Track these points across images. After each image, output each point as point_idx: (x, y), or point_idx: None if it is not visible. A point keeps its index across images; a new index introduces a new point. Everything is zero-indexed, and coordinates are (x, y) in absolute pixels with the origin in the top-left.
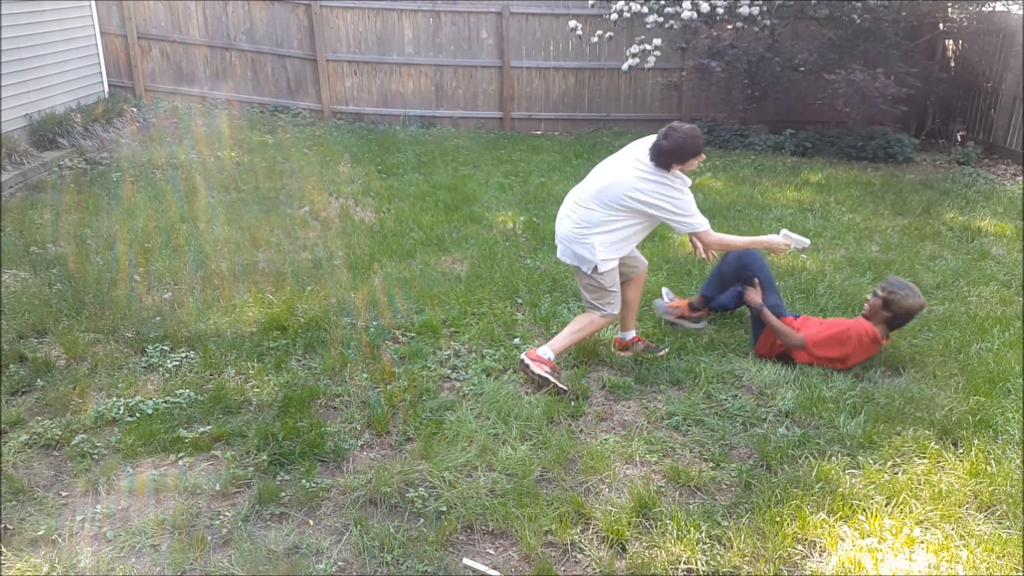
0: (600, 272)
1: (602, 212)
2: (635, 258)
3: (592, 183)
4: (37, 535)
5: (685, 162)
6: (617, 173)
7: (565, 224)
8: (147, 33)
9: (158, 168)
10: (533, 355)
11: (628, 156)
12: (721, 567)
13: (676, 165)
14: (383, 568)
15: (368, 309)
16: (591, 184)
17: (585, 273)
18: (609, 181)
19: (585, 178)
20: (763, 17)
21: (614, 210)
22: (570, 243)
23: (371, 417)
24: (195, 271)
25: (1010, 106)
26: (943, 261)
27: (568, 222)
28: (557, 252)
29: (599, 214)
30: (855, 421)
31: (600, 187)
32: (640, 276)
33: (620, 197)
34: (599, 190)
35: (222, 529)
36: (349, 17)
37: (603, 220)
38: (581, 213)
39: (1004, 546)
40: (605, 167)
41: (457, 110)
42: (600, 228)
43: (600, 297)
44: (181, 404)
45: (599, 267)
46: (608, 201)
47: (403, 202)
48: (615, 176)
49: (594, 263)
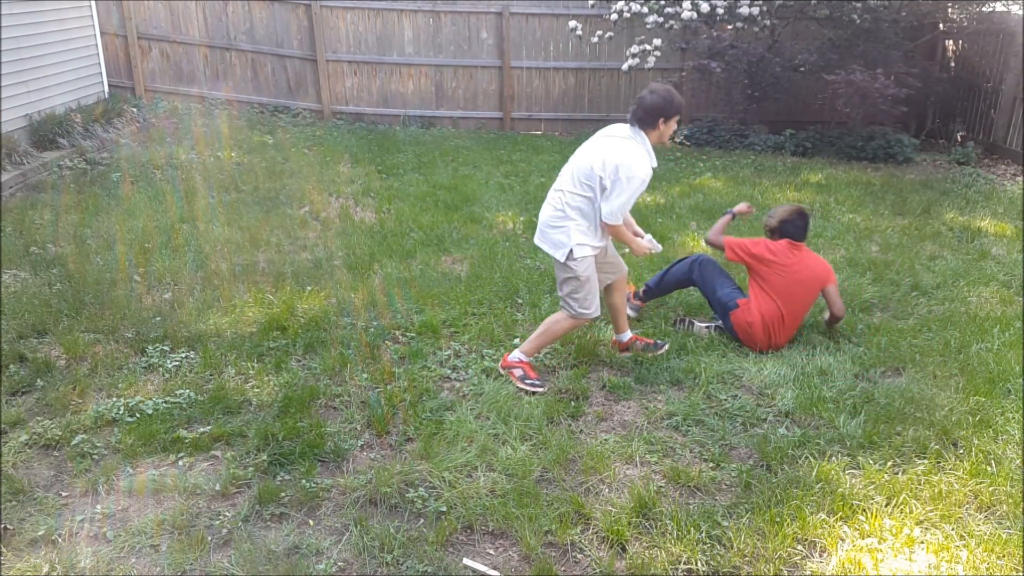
0: (575, 258)
1: (576, 194)
2: (613, 263)
3: (567, 167)
4: (37, 535)
5: (670, 117)
6: (588, 151)
7: (545, 210)
8: (147, 33)
9: (158, 168)
10: (504, 363)
11: (599, 136)
12: (721, 567)
13: (662, 120)
14: (383, 568)
15: (368, 309)
16: (566, 168)
17: (560, 262)
18: (581, 160)
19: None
20: (763, 17)
21: (587, 187)
22: (547, 228)
23: (371, 417)
24: (195, 271)
25: (1010, 106)
26: (943, 261)
27: (547, 208)
28: (535, 237)
29: (573, 196)
30: (855, 421)
31: (573, 168)
32: (620, 280)
33: (589, 169)
34: (573, 171)
35: (222, 529)
36: (349, 17)
37: (578, 203)
38: (557, 197)
39: (1004, 546)
40: (578, 151)
41: (457, 110)
42: (575, 211)
43: (574, 291)
44: (181, 404)
45: (574, 251)
46: (583, 179)
47: (403, 202)
48: (586, 153)
49: (569, 247)
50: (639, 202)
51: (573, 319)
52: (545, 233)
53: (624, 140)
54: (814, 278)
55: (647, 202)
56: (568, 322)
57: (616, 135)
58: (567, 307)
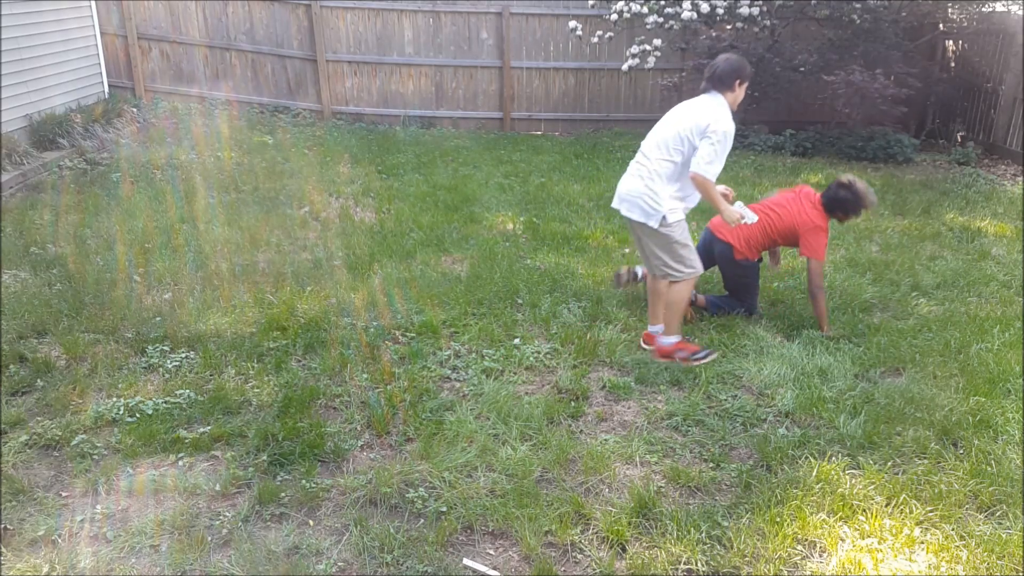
0: (669, 223)
1: (665, 160)
2: None
3: (652, 138)
4: (37, 535)
5: (744, 80)
6: (672, 119)
7: (630, 181)
8: (147, 33)
9: (158, 168)
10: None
11: (679, 106)
12: (721, 567)
13: (738, 82)
14: (383, 568)
15: (368, 309)
16: (651, 139)
17: (655, 229)
18: (666, 128)
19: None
20: (763, 18)
21: (677, 152)
22: (636, 198)
23: (371, 417)
24: (195, 271)
25: (1010, 106)
26: (943, 261)
27: (632, 179)
28: (622, 211)
29: (661, 163)
30: (855, 421)
31: (658, 138)
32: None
33: (676, 135)
34: (658, 141)
35: (222, 529)
36: (349, 17)
37: (666, 169)
38: (643, 167)
39: (1004, 546)
40: (660, 123)
41: (457, 110)
42: (663, 178)
43: (674, 255)
44: (181, 404)
45: (667, 217)
46: (673, 145)
47: (403, 202)
48: (671, 121)
49: (662, 213)
50: None
51: (686, 281)
52: (634, 203)
53: (707, 101)
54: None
55: None
56: (682, 284)
57: (696, 101)
58: (670, 275)
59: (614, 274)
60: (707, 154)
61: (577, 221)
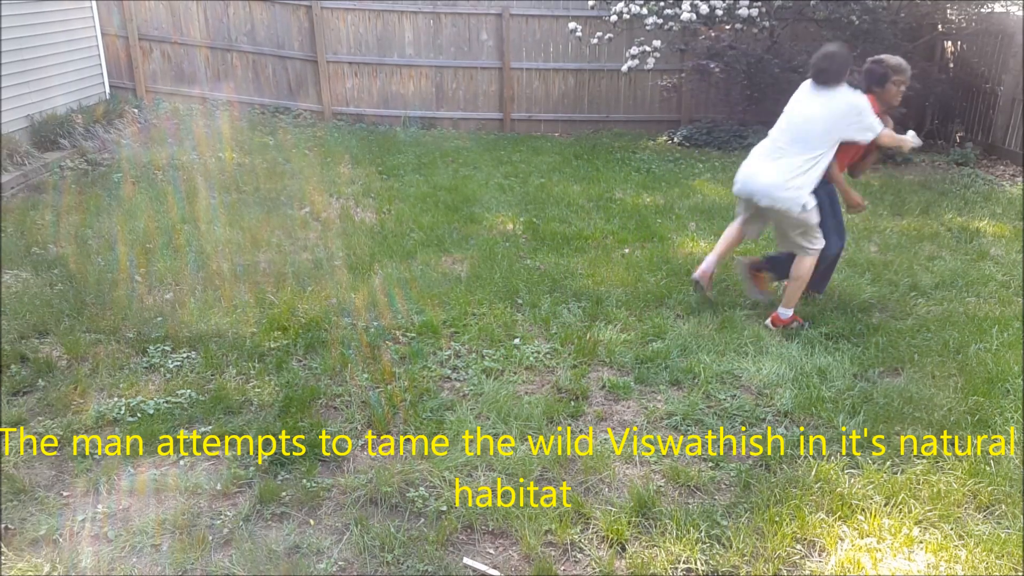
0: (808, 210)
1: (808, 157)
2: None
3: (787, 132)
4: (38, 535)
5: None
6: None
7: (770, 174)
8: (148, 34)
9: (159, 169)
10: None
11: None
12: (720, 567)
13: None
14: (384, 568)
15: (368, 309)
16: (786, 134)
17: (795, 216)
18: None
19: (770, 134)
20: (762, 19)
21: (821, 145)
22: (778, 191)
23: (371, 417)
24: (196, 272)
25: (1009, 107)
26: (942, 262)
27: (770, 173)
28: (757, 200)
29: (805, 160)
30: (854, 421)
31: (799, 132)
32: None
33: (823, 131)
34: (800, 134)
35: (223, 529)
36: (349, 18)
37: (808, 166)
38: (785, 161)
39: (1003, 546)
40: (790, 115)
41: (457, 111)
42: (806, 174)
43: (808, 232)
44: (182, 404)
45: (807, 205)
46: (819, 137)
47: (403, 203)
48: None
49: (803, 202)
50: (639, 201)
51: (812, 256)
52: (775, 195)
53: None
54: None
55: (646, 202)
56: (809, 259)
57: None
58: (803, 249)
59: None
60: (869, 122)
61: (577, 221)
